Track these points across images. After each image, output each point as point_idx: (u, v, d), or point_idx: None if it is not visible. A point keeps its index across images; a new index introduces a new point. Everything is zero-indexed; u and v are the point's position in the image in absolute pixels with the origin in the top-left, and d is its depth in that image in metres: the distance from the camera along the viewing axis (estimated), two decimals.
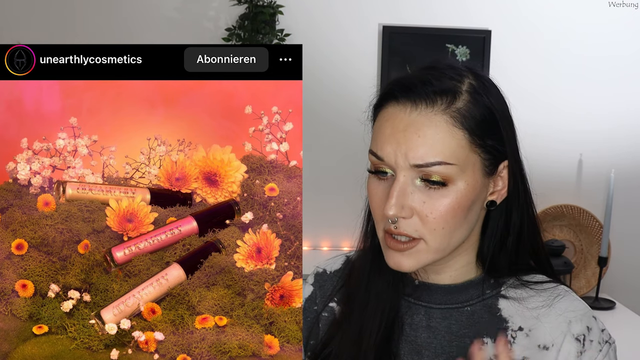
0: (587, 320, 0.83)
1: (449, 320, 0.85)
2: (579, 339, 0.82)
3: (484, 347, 0.83)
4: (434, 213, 0.78)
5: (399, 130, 0.78)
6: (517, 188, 0.84)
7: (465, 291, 0.86)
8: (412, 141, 0.77)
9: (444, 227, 0.79)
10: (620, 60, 2.36)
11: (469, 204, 0.79)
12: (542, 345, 0.82)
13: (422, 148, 0.77)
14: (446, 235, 0.79)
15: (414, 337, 0.86)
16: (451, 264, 0.86)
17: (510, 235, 0.85)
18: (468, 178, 0.79)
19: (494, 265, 0.86)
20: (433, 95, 0.78)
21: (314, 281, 0.96)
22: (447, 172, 0.77)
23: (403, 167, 0.78)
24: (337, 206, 2.33)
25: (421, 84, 0.78)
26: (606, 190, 2.30)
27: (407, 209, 0.78)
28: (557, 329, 0.82)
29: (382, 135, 0.80)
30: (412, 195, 0.78)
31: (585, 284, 2.35)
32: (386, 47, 2.31)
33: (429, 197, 0.78)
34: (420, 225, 0.79)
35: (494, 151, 0.81)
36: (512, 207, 0.85)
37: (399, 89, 0.80)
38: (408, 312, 0.87)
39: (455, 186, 0.78)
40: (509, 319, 0.84)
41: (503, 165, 0.82)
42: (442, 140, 0.77)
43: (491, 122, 0.80)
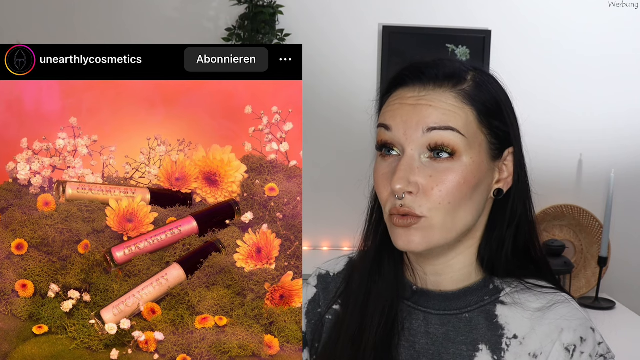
0: (583, 330, 0.81)
1: (447, 327, 0.84)
2: (569, 349, 0.80)
3: (479, 355, 0.82)
4: (440, 186, 0.78)
5: (409, 104, 0.80)
6: (520, 179, 0.85)
7: (464, 298, 0.85)
8: (423, 110, 0.79)
9: (449, 201, 0.79)
10: (620, 60, 2.36)
11: (475, 182, 0.80)
12: (531, 353, 0.81)
13: (434, 115, 0.79)
14: (451, 212, 0.79)
15: (412, 342, 0.85)
16: (453, 264, 0.85)
17: (509, 227, 0.85)
18: (474, 155, 0.80)
19: (492, 262, 0.86)
20: (442, 77, 0.80)
21: (317, 283, 0.96)
22: (456, 142, 0.78)
23: (412, 138, 0.79)
24: (337, 206, 2.33)
25: (429, 68, 0.81)
26: (606, 190, 2.30)
27: (413, 184, 0.78)
28: (548, 337, 0.81)
29: (392, 109, 0.82)
30: (418, 170, 0.79)
31: (585, 284, 2.34)
32: (386, 47, 2.31)
33: (435, 170, 0.79)
34: (425, 201, 0.79)
35: (500, 134, 0.82)
36: (513, 198, 0.85)
37: (409, 72, 0.82)
38: (407, 317, 0.86)
39: (461, 161, 0.79)
40: (505, 326, 0.83)
41: (508, 152, 0.83)
42: (452, 111, 0.79)
43: (496, 107, 0.82)
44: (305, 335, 0.94)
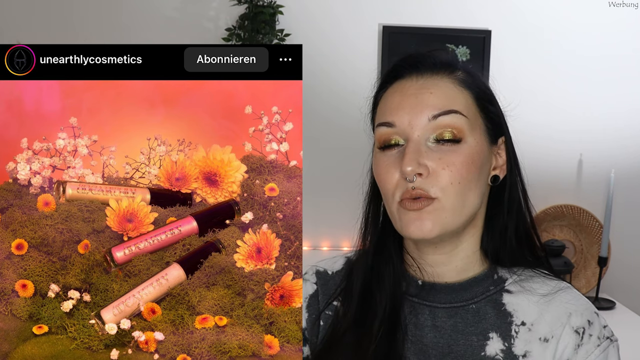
0: (589, 314, 0.84)
1: (455, 319, 0.85)
2: (578, 332, 0.82)
3: (490, 342, 0.83)
4: (450, 167, 0.80)
5: (410, 95, 0.82)
6: (513, 167, 0.87)
7: (470, 289, 0.86)
8: (425, 98, 0.81)
9: (460, 181, 0.80)
10: (620, 60, 2.36)
11: (480, 162, 0.82)
12: (542, 338, 0.83)
13: (437, 100, 0.81)
14: (460, 193, 0.80)
15: (419, 337, 0.86)
16: (457, 252, 0.86)
17: (509, 214, 0.87)
18: (477, 136, 0.82)
19: (495, 251, 0.87)
20: (437, 65, 0.84)
21: (317, 279, 0.96)
22: (460, 124, 0.81)
23: (418, 126, 0.81)
24: (337, 206, 2.33)
25: (424, 58, 0.85)
26: (606, 190, 2.30)
27: (423, 166, 0.80)
28: (558, 321, 0.83)
29: (392, 103, 0.83)
30: (426, 154, 0.80)
31: (585, 284, 2.34)
32: (386, 47, 2.31)
33: (443, 153, 0.80)
34: (436, 182, 0.80)
35: (495, 119, 0.85)
36: (509, 186, 0.87)
37: (403, 63, 0.85)
38: (412, 312, 0.87)
39: (467, 143, 0.81)
40: (513, 313, 0.85)
41: (501, 140, 0.87)
42: (453, 95, 0.82)
43: (490, 94, 0.86)
44: (305, 332, 0.94)
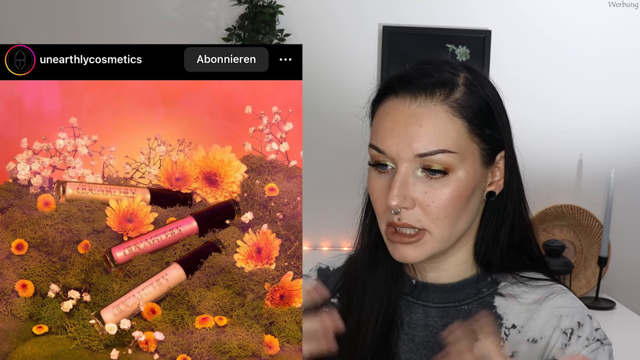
0: (580, 316, 0.83)
1: (447, 319, 0.86)
2: (566, 333, 0.82)
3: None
4: (436, 202, 0.79)
5: (400, 123, 0.80)
6: (511, 179, 0.86)
7: (462, 290, 0.87)
8: (414, 132, 0.79)
9: (446, 215, 0.80)
10: (620, 60, 2.36)
11: (470, 192, 0.81)
12: (531, 339, 0.83)
13: (425, 137, 0.79)
14: (449, 225, 0.80)
15: (412, 335, 0.86)
16: (450, 261, 0.87)
17: (503, 225, 0.86)
18: (468, 167, 0.80)
19: (488, 258, 0.86)
20: (432, 86, 0.80)
21: (317, 276, 0.98)
22: (449, 161, 0.79)
23: (405, 158, 0.79)
24: (337, 206, 2.32)
25: (420, 77, 0.81)
26: (606, 190, 2.30)
27: (409, 199, 0.79)
28: (548, 324, 0.83)
29: (383, 129, 0.81)
30: (413, 186, 0.79)
31: (585, 284, 2.34)
32: (386, 47, 2.31)
33: (430, 187, 0.79)
34: (422, 216, 0.80)
35: (492, 141, 0.83)
36: (506, 198, 0.86)
37: (398, 83, 0.81)
38: (407, 311, 0.88)
39: (456, 175, 0.79)
40: (504, 316, 0.85)
41: (500, 155, 0.85)
42: (443, 129, 0.79)
43: (488, 112, 0.82)
44: None
